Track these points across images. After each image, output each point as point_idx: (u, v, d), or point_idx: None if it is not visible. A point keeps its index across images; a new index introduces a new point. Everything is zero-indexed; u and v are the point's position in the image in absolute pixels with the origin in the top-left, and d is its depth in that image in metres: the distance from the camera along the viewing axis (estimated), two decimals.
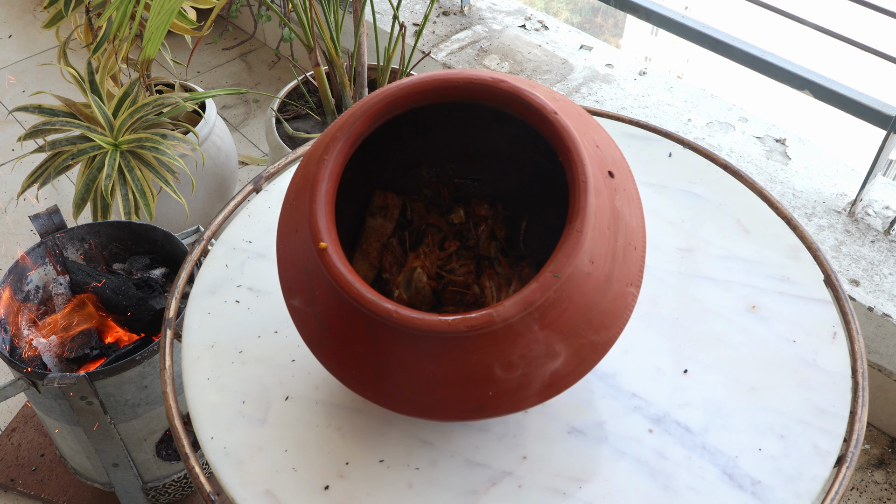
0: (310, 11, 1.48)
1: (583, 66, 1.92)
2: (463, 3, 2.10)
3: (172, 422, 0.78)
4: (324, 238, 0.63)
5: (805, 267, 0.90)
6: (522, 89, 0.65)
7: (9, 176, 2.09)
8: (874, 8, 1.43)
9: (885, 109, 1.47)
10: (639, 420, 0.78)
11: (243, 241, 0.94)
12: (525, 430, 0.77)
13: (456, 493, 0.73)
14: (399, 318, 0.60)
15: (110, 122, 1.45)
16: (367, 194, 0.84)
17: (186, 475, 1.37)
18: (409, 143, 0.83)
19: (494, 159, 0.84)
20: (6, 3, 2.72)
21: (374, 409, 0.78)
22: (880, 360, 1.45)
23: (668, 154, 1.03)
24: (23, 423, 1.53)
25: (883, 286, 1.42)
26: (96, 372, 1.12)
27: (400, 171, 0.85)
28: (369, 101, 0.67)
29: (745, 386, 0.80)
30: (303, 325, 0.70)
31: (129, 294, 1.25)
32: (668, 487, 0.73)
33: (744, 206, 0.96)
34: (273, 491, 0.73)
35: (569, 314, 0.62)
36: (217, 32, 2.53)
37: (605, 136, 0.71)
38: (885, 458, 1.51)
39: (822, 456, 0.75)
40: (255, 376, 0.81)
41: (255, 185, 1.00)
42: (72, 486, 1.44)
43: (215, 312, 0.87)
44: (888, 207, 1.55)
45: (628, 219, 0.66)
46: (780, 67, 1.57)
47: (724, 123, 1.74)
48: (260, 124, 2.26)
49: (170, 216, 1.66)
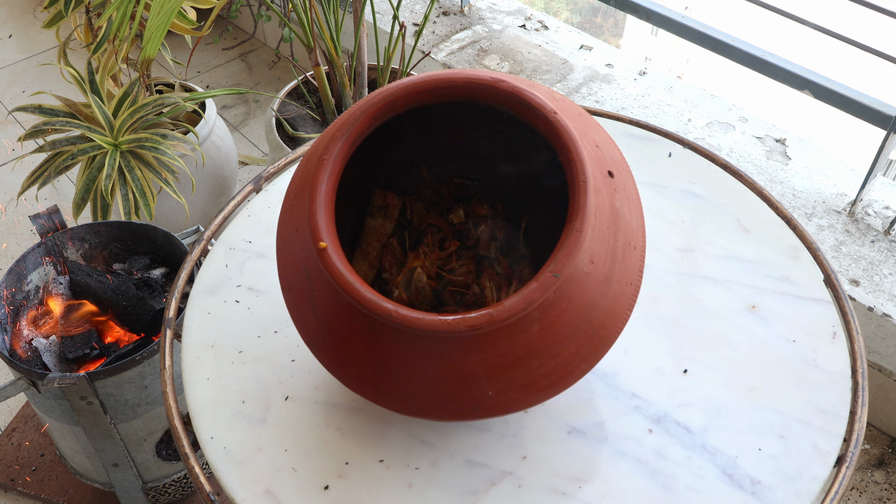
0: (310, 11, 1.48)
1: (583, 66, 1.92)
2: (463, 3, 2.10)
3: (172, 422, 0.78)
4: (324, 238, 0.63)
5: (805, 267, 0.90)
6: (522, 89, 0.65)
7: (9, 176, 2.09)
8: (874, 8, 1.43)
9: (884, 109, 1.47)
10: (639, 420, 0.78)
11: (243, 241, 0.94)
12: (525, 430, 0.77)
13: (456, 493, 0.73)
14: (399, 318, 0.60)
15: (110, 122, 1.45)
16: (367, 194, 0.84)
17: (186, 475, 1.37)
18: (409, 143, 0.83)
19: (494, 159, 0.84)
20: (6, 3, 2.72)
21: (374, 409, 0.78)
22: (880, 360, 1.45)
23: (668, 154, 1.03)
24: (23, 423, 1.53)
25: (883, 286, 1.42)
26: (96, 372, 1.12)
27: (400, 171, 0.85)
28: (369, 101, 0.67)
29: (745, 386, 0.80)
30: (303, 325, 0.70)
31: (129, 294, 1.25)
32: (667, 487, 0.73)
33: (744, 206, 0.96)
34: (273, 491, 0.73)
35: (568, 314, 0.62)
36: (217, 32, 2.53)
37: (605, 135, 0.71)
38: (885, 458, 1.51)
39: (822, 456, 0.75)
40: (254, 376, 0.81)
41: (255, 185, 1.00)
42: (72, 486, 1.44)
43: (215, 312, 0.87)
44: (888, 207, 1.55)
45: (628, 219, 0.66)
46: (780, 67, 1.57)
47: (724, 123, 1.74)
48: (260, 124, 2.26)
49: (170, 216, 1.66)
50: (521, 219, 0.84)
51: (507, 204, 0.85)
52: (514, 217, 0.85)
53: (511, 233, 0.85)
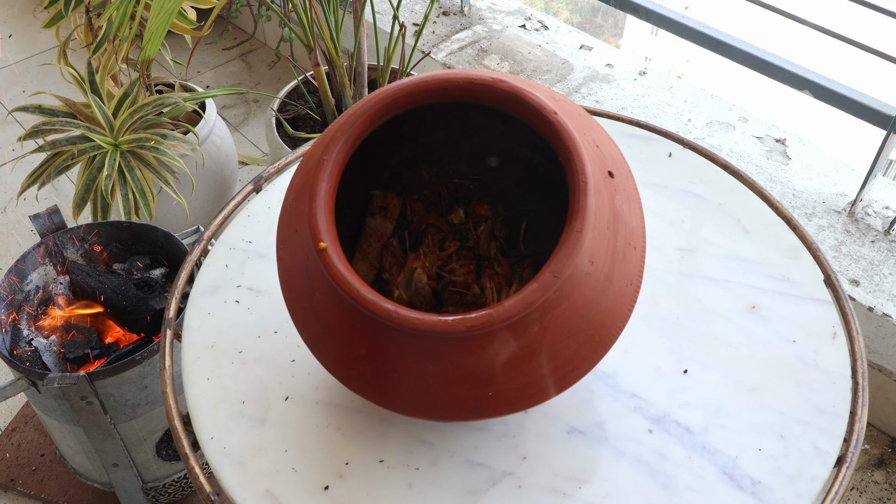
0: (310, 11, 1.48)
1: (583, 66, 1.92)
2: (463, 3, 2.10)
3: (172, 422, 0.78)
4: (324, 238, 0.63)
5: (805, 267, 0.90)
6: (522, 89, 0.65)
7: (9, 176, 2.09)
8: (874, 8, 1.43)
9: (884, 109, 1.47)
10: (639, 420, 0.78)
11: (243, 241, 0.94)
12: (525, 430, 0.77)
13: (456, 493, 0.73)
14: (399, 319, 0.60)
15: (110, 122, 1.45)
16: (367, 194, 0.84)
17: (186, 475, 1.37)
18: (409, 143, 0.83)
19: (494, 159, 0.84)
20: (6, 3, 2.72)
21: (374, 409, 0.78)
22: (880, 360, 1.45)
23: (668, 154, 1.03)
24: (23, 423, 1.53)
25: (883, 286, 1.42)
26: (96, 372, 1.12)
27: (400, 171, 0.85)
28: (369, 101, 0.67)
29: (745, 386, 0.80)
30: (303, 325, 0.70)
31: (129, 294, 1.25)
32: (667, 487, 0.73)
33: (744, 206, 0.96)
34: (273, 491, 0.73)
35: (569, 314, 0.62)
36: (217, 32, 2.53)
37: (605, 136, 0.71)
38: (885, 459, 1.51)
39: (822, 456, 0.75)
40: (254, 376, 0.81)
41: (255, 185, 1.00)
42: (72, 486, 1.44)
43: (215, 312, 0.87)
44: (888, 207, 1.55)
45: (628, 219, 0.66)
46: (780, 67, 1.57)
47: (724, 123, 1.74)
48: (260, 124, 2.26)
49: (170, 216, 1.66)
50: (521, 219, 0.84)
51: (507, 204, 0.85)
52: (514, 217, 0.85)
53: (511, 233, 0.85)
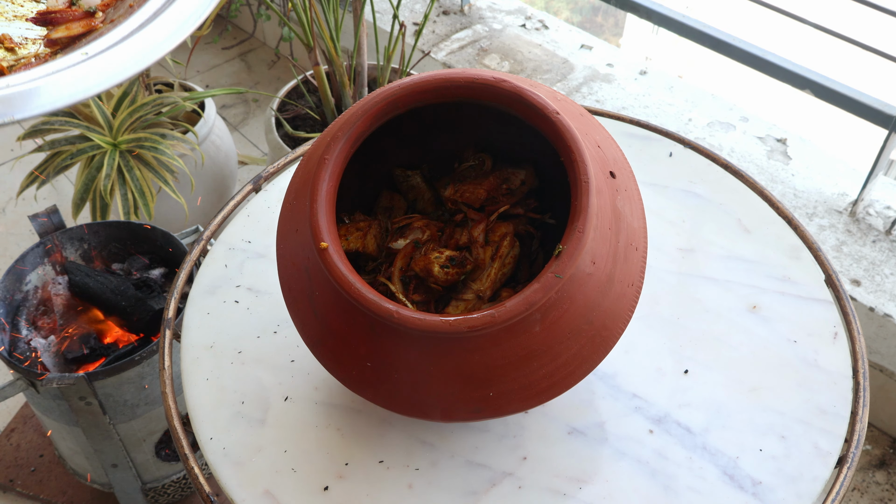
0: (309, 11, 1.48)
1: (583, 66, 1.91)
2: (463, 3, 2.10)
3: (171, 422, 0.78)
4: (324, 238, 0.63)
5: (806, 267, 0.90)
6: (524, 89, 0.64)
7: (8, 176, 2.08)
8: (875, 7, 1.42)
9: (886, 109, 1.47)
10: (639, 420, 0.78)
11: (243, 241, 0.94)
12: (525, 431, 0.77)
13: (456, 493, 0.73)
14: (400, 319, 0.60)
15: (109, 121, 1.44)
16: (367, 194, 0.84)
17: (185, 476, 1.37)
18: (409, 143, 0.82)
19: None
20: None
21: (373, 409, 0.78)
22: (881, 361, 1.45)
23: (669, 154, 1.02)
24: (22, 423, 1.52)
25: (884, 286, 1.42)
26: (95, 372, 1.12)
27: (400, 170, 0.85)
28: (370, 100, 0.66)
29: (746, 386, 0.80)
30: (303, 325, 0.69)
31: (128, 294, 1.25)
32: (668, 488, 0.73)
33: (745, 206, 0.96)
34: (272, 491, 0.73)
35: (570, 315, 0.62)
36: (217, 32, 2.53)
37: (607, 136, 0.71)
38: (886, 459, 1.51)
39: (823, 456, 0.75)
40: (254, 377, 0.81)
41: (254, 185, 1.00)
42: (71, 487, 1.43)
43: (214, 313, 0.87)
44: (889, 207, 1.55)
45: (630, 219, 0.66)
46: (781, 67, 1.57)
47: (725, 123, 1.74)
48: (259, 124, 2.25)
49: (169, 216, 1.65)
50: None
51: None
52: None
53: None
